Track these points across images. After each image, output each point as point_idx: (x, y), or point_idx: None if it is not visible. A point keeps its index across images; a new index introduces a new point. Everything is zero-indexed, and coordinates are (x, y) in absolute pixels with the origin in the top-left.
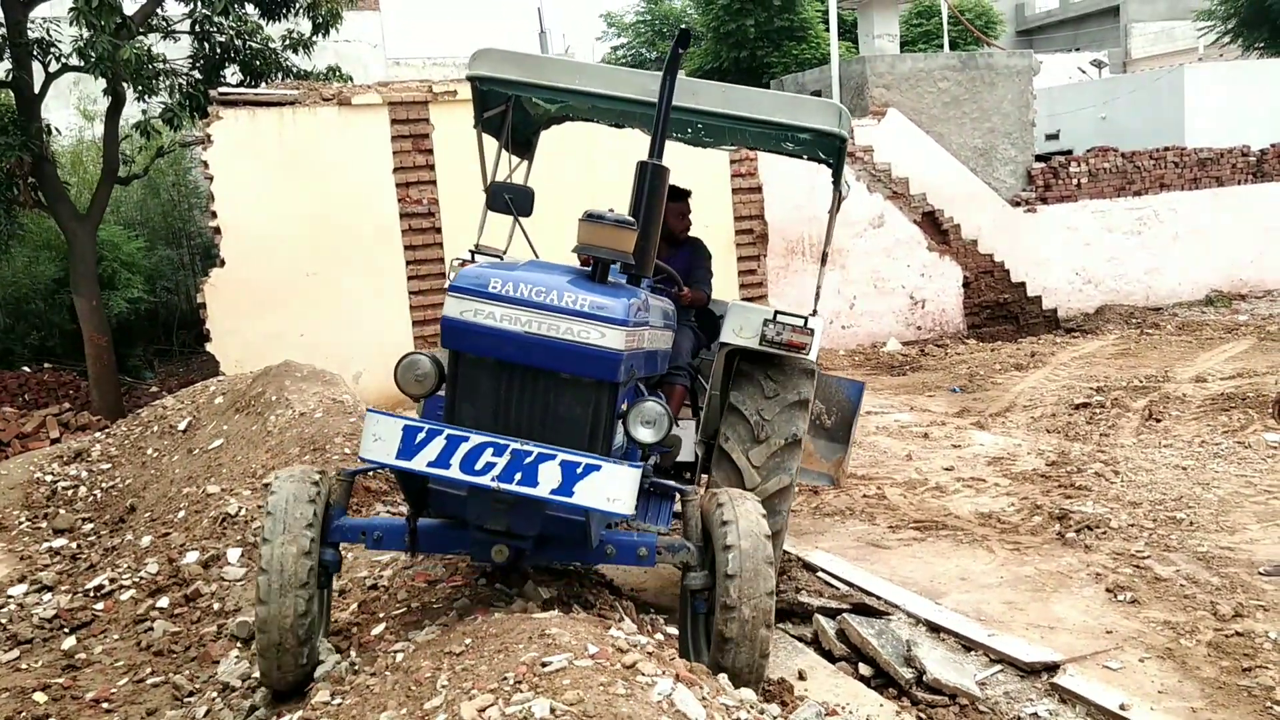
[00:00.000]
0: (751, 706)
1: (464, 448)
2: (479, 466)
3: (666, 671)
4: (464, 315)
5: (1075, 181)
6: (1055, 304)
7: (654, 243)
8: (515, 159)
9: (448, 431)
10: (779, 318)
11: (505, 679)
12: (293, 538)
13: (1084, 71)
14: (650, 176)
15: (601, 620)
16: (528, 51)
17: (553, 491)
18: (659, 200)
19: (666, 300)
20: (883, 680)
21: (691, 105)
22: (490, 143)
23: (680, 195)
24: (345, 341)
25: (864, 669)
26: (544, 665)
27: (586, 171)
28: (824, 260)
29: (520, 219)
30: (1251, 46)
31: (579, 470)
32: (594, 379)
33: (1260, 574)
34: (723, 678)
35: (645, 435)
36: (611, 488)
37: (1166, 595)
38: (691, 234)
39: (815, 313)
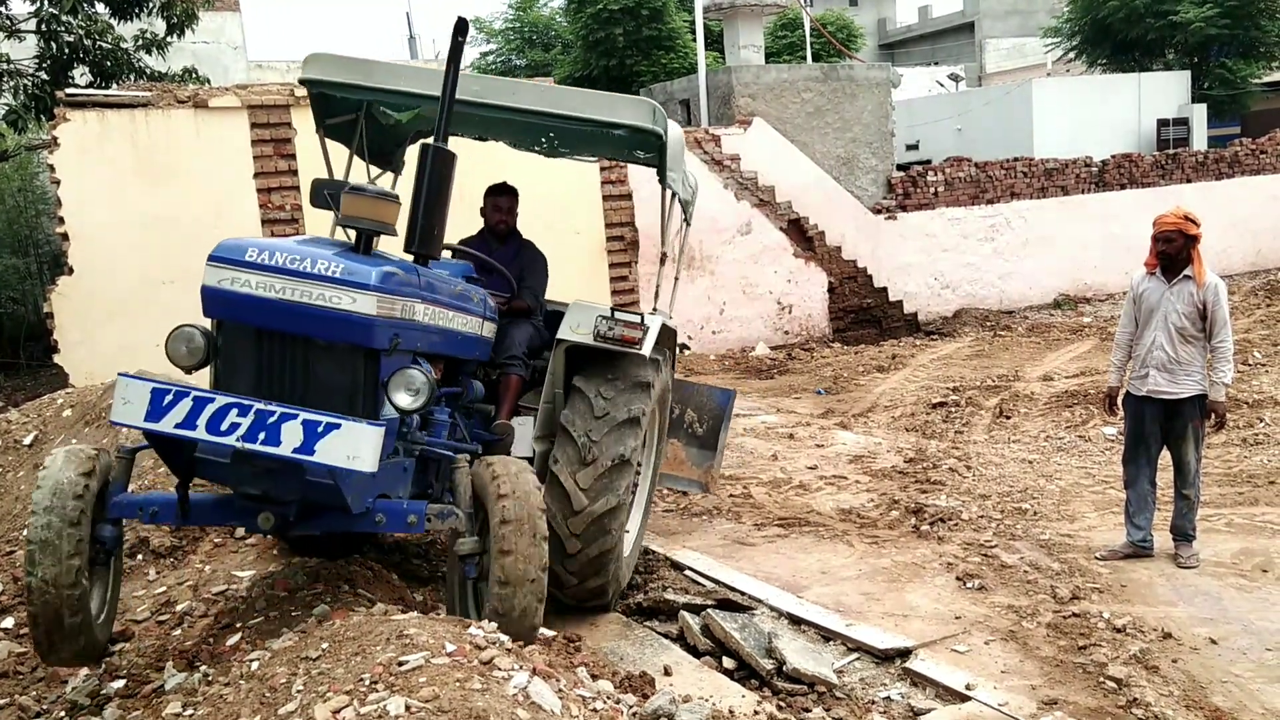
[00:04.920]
0: (608, 697)
1: (210, 408)
2: (224, 427)
3: (524, 666)
4: (221, 284)
5: (933, 190)
6: (915, 308)
7: (438, 226)
8: (377, 169)
9: (194, 394)
10: (615, 315)
11: (361, 680)
12: (60, 506)
13: (942, 85)
14: (433, 159)
15: (461, 620)
16: (371, 57)
17: (295, 450)
18: (443, 184)
19: (476, 288)
20: (746, 672)
21: (510, 104)
22: (339, 151)
23: (505, 190)
24: None
25: (728, 662)
26: (400, 664)
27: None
28: (663, 260)
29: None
30: (1094, 63)
31: (319, 429)
32: (349, 344)
33: (1096, 559)
34: (581, 671)
35: (403, 400)
36: (351, 445)
37: (1011, 581)
38: (533, 239)
39: (655, 310)
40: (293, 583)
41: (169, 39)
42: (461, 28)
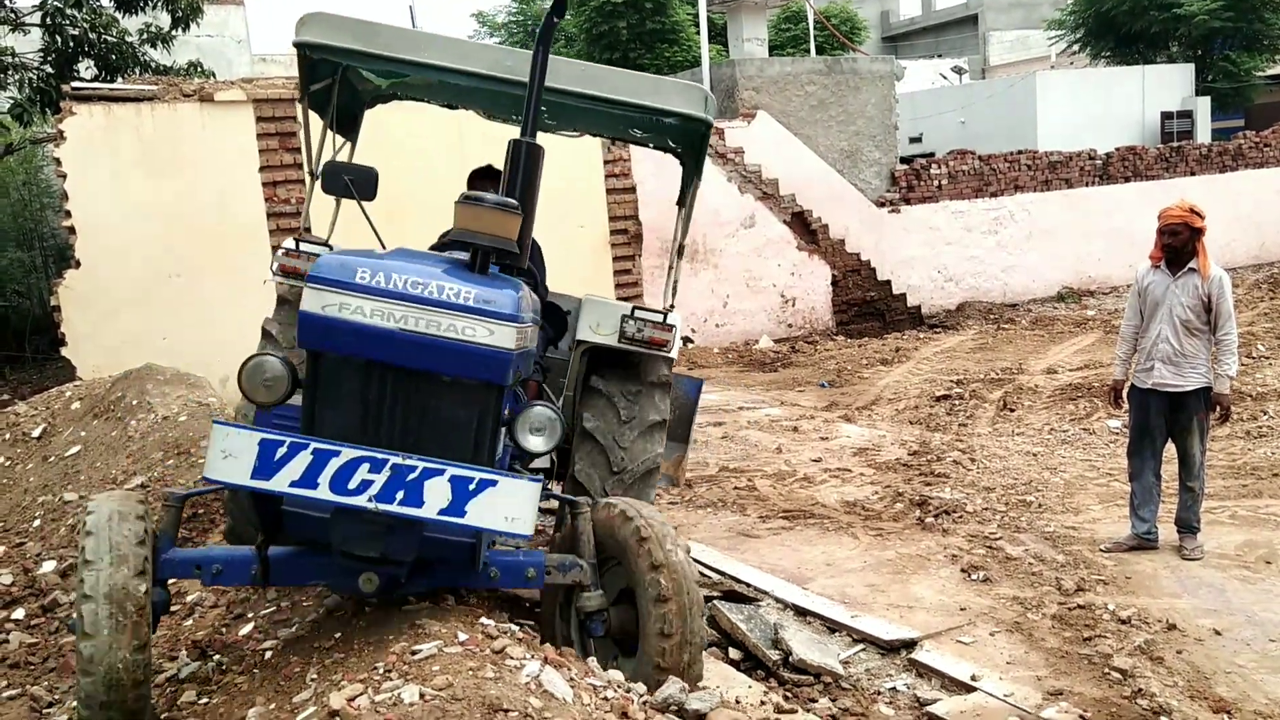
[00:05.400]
0: (619, 686)
1: (334, 464)
2: (353, 485)
3: (535, 655)
4: (327, 310)
5: (936, 183)
6: (919, 301)
7: (529, 230)
8: (340, 139)
9: (314, 445)
10: (637, 313)
11: (375, 669)
12: (122, 556)
13: (945, 77)
14: (526, 156)
15: (472, 610)
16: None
17: (441, 512)
18: (533, 182)
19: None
20: (752, 663)
21: (549, 84)
22: (316, 122)
23: (492, 174)
24: (210, 345)
25: (734, 653)
26: (413, 653)
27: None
28: (680, 253)
29: (363, 203)
30: (1098, 55)
31: (471, 487)
32: (480, 382)
33: (1101, 551)
34: (592, 660)
35: (537, 444)
36: (510, 506)
37: (1016, 573)
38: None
39: (673, 307)
40: None
41: (174, 32)
42: (558, 9)
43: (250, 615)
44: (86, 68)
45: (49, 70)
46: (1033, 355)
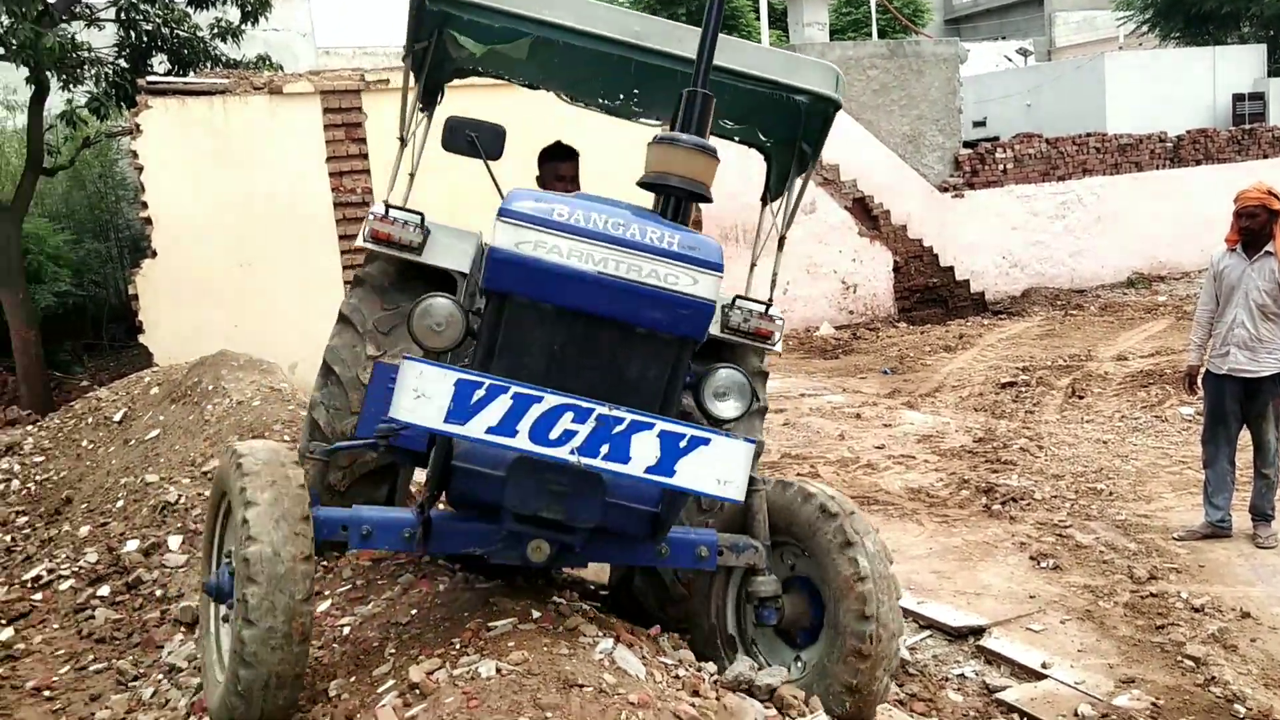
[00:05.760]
0: (690, 664)
1: (535, 410)
2: (554, 435)
3: (607, 633)
4: (521, 248)
5: (1001, 167)
6: (982, 287)
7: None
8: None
9: (515, 389)
10: (739, 303)
11: (452, 644)
12: (291, 531)
13: (1010, 60)
14: (701, 106)
15: (543, 589)
16: None
17: (648, 470)
18: (705, 134)
19: None
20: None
21: (676, 51)
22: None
23: (569, 154)
24: (279, 332)
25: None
26: (489, 629)
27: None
28: (780, 245)
29: (489, 163)
30: (1168, 36)
31: (682, 444)
32: (676, 336)
33: (1174, 539)
34: (663, 639)
35: (727, 410)
36: (723, 468)
37: (1086, 561)
38: None
39: (771, 301)
40: (376, 553)
41: (243, 26)
42: None
43: (327, 593)
44: (160, 62)
45: (123, 65)
46: (1102, 342)
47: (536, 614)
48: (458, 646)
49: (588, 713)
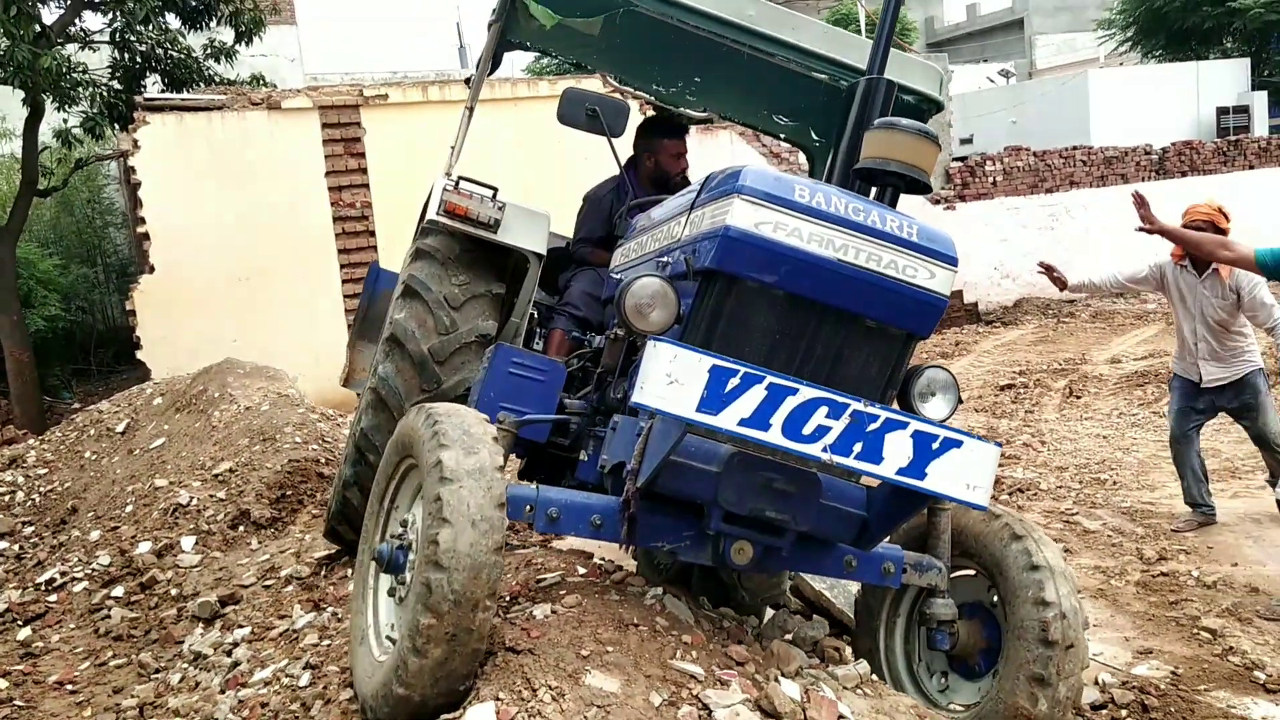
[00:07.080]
0: (732, 618)
1: (790, 403)
2: (807, 431)
3: (654, 585)
4: (760, 229)
5: (991, 180)
6: (976, 298)
7: None
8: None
9: (770, 380)
10: None
11: (501, 597)
12: (488, 490)
13: (992, 81)
14: (885, 96)
15: (581, 552)
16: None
17: (899, 471)
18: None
19: None
20: (838, 630)
21: (790, 40)
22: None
23: (678, 131)
24: (279, 346)
25: (818, 620)
26: (538, 582)
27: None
28: None
29: (612, 139)
30: (1149, 54)
31: (935, 446)
32: (904, 331)
33: (1171, 532)
34: (703, 599)
35: (938, 409)
36: (972, 471)
37: (1096, 545)
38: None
39: None
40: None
41: (237, 47)
42: None
43: None
44: (153, 82)
45: (117, 86)
46: (1095, 346)
47: (583, 570)
48: (507, 598)
49: (645, 649)
